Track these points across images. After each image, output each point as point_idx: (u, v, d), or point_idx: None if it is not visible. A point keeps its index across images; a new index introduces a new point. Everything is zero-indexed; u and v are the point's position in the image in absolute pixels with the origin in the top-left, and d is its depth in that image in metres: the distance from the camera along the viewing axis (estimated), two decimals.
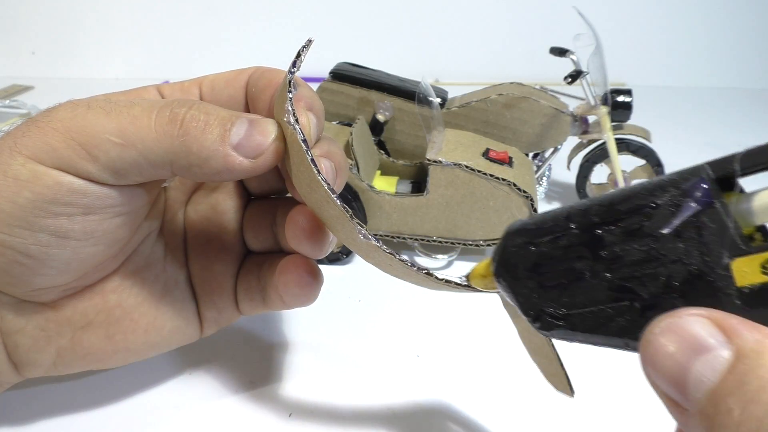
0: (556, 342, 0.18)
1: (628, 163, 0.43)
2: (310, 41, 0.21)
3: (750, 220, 0.14)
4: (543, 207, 0.46)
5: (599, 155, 0.43)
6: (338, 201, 0.18)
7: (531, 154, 0.44)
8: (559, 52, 0.42)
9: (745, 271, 0.13)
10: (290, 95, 0.20)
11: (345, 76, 0.42)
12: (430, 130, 0.38)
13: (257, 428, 0.25)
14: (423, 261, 0.38)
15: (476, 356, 0.30)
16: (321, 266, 0.37)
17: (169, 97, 0.24)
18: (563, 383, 0.22)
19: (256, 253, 0.27)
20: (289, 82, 0.20)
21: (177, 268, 0.25)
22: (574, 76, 0.41)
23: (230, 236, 0.26)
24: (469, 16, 0.83)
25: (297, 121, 0.19)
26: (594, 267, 0.15)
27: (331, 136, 0.24)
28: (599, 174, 0.44)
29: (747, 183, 0.14)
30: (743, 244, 0.14)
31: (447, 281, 0.19)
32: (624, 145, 0.42)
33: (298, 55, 0.21)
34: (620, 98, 0.41)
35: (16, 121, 0.58)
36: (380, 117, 0.42)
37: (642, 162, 0.43)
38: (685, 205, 0.14)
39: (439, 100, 0.40)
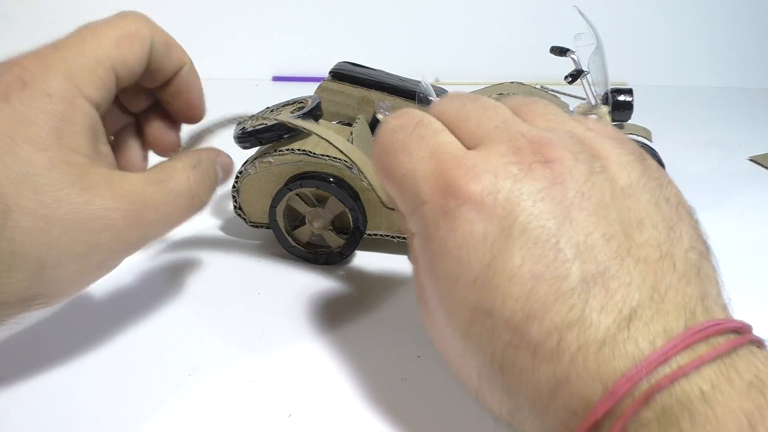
0: None
1: None
2: None
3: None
4: None
5: None
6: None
7: None
8: (560, 51, 0.42)
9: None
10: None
11: (345, 75, 0.42)
12: None
13: (257, 428, 0.25)
14: None
15: None
16: (321, 266, 0.37)
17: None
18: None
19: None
20: None
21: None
22: (575, 75, 0.41)
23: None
24: (469, 15, 0.83)
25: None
26: None
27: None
28: None
29: None
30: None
31: None
32: None
33: None
34: (621, 98, 0.41)
35: None
36: (380, 116, 0.42)
37: None
38: None
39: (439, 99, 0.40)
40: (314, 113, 0.36)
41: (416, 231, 0.22)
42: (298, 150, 0.35)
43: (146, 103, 0.30)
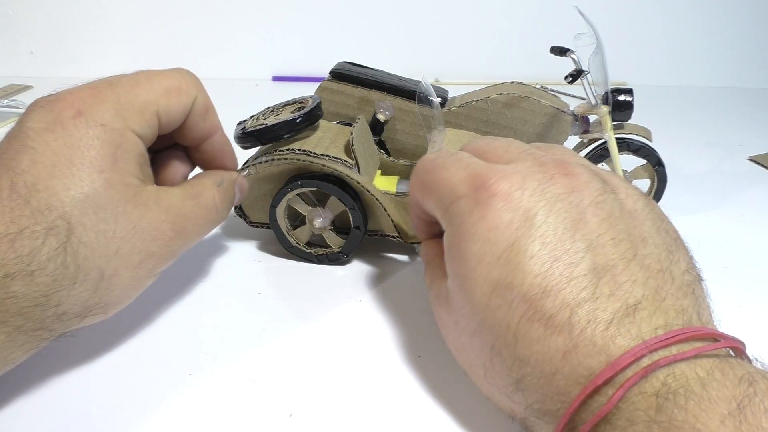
0: None
1: (629, 162, 0.43)
2: None
3: None
4: None
5: (600, 155, 0.43)
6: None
7: None
8: (560, 51, 0.42)
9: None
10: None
11: (345, 75, 0.42)
12: (431, 130, 0.38)
13: (257, 428, 0.25)
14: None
15: None
16: (322, 266, 0.37)
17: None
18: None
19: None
20: None
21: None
22: (575, 75, 0.41)
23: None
24: (469, 15, 0.83)
25: None
26: None
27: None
28: None
29: None
30: None
31: None
32: (625, 145, 0.42)
33: None
34: (621, 97, 0.41)
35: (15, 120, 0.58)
36: (381, 116, 0.42)
37: (643, 161, 0.43)
38: None
39: (439, 99, 0.40)
40: (314, 113, 0.36)
41: (448, 224, 0.25)
42: (298, 150, 0.35)
43: (164, 144, 0.31)
